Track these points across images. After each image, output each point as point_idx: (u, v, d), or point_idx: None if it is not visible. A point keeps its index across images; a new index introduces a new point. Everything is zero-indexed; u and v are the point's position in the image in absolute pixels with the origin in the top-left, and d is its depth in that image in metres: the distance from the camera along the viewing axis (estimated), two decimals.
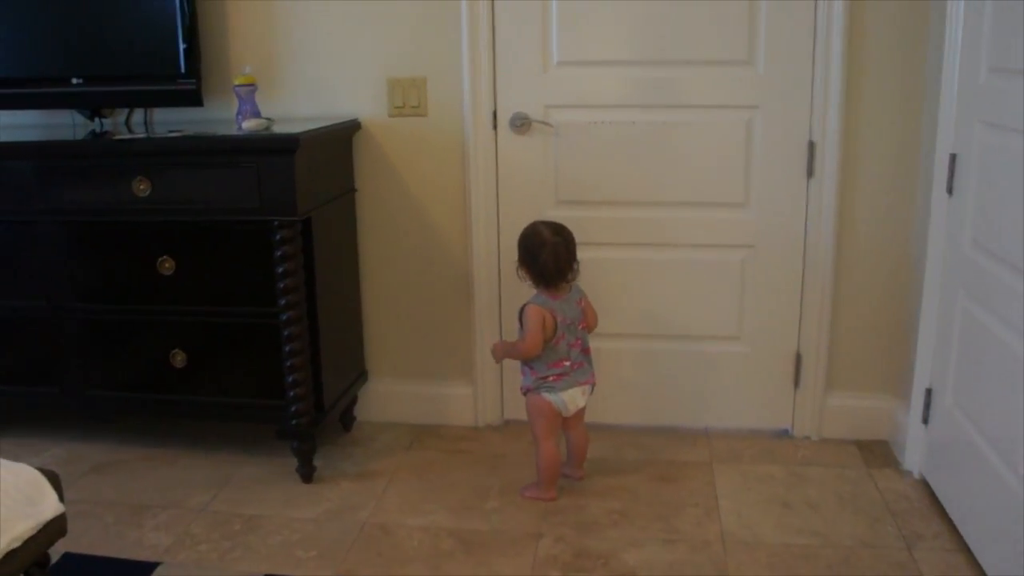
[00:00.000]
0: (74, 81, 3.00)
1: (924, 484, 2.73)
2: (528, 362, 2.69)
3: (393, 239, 3.13)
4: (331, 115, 3.04)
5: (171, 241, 2.79)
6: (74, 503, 2.69)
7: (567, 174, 3.00)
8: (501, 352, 2.79)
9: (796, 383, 3.04)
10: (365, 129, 3.05)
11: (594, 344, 3.03)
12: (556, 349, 2.65)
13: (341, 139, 3.00)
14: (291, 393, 2.74)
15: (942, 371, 2.63)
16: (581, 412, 2.75)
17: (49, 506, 1.67)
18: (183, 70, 2.94)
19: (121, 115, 3.16)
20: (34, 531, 1.61)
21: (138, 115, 3.17)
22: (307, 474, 2.83)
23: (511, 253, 2.97)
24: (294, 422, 2.76)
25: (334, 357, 2.93)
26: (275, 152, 2.60)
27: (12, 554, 1.56)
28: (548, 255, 2.60)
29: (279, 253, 2.63)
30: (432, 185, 3.07)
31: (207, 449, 3.05)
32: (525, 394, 2.74)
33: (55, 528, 1.70)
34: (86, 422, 3.23)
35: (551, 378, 2.67)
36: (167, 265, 2.78)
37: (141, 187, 2.67)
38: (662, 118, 2.91)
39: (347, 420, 3.19)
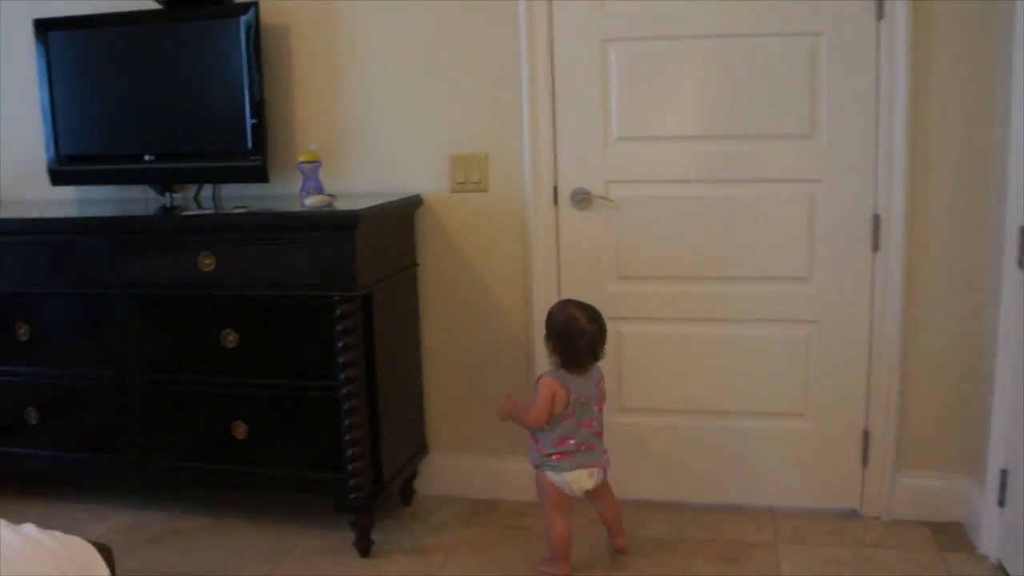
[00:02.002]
0: (146, 158, 3.11)
1: (1001, 569, 2.61)
2: (535, 435, 2.69)
3: (454, 313, 3.15)
4: (394, 191, 3.09)
5: (235, 315, 2.84)
6: (134, 572, 2.74)
7: (628, 249, 3.00)
8: (507, 412, 2.75)
9: (864, 461, 2.94)
10: (427, 205, 3.10)
11: (658, 420, 3.03)
12: (563, 426, 2.63)
13: (403, 215, 3.04)
14: (349, 467, 2.74)
15: (1018, 451, 2.53)
16: (603, 486, 2.74)
17: None
18: (250, 147, 3.02)
19: (191, 190, 3.26)
20: None
21: (207, 190, 3.26)
22: (364, 548, 2.81)
23: None
24: (352, 496, 2.76)
25: (393, 431, 2.94)
26: (336, 228, 2.64)
27: None
28: (585, 343, 2.62)
29: (339, 327, 2.66)
30: (493, 260, 3.09)
31: (269, 520, 3.05)
32: (535, 468, 2.73)
33: None
34: (151, 490, 3.26)
35: (555, 456, 2.66)
36: (231, 338, 2.83)
37: (206, 262, 2.74)
38: (723, 192, 2.90)
39: (407, 493, 3.18)
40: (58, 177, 3.24)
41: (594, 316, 2.65)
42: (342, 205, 2.82)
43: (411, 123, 3.07)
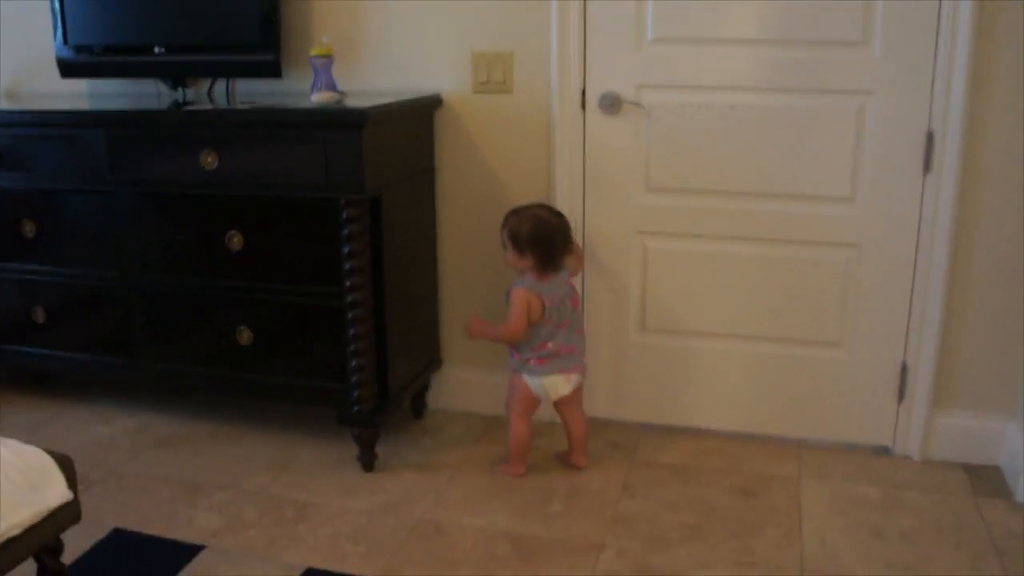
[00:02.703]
0: (156, 50, 2.96)
1: None
2: (515, 344, 2.61)
3: (473, 221, 2.98)
4: (413, 90, 2.90)
5: (239, 216, 2.71)
6: (134, 476, 2.70)
7: (658, 159, 2.79)
8: (478, 331, 2.69)
9: (900, 396, 2.75)
10: (447, 105, 2.91)
11: (682, 342, 2.87)
12: (540, 331, 2.60)
13: (419, 115, 2.86)
14: (353, 378, 2.63)
15: None
16: (575, 396, 2.69)
17: (54, 493, 1.59)
18: (262, 40, 2.85)
19: (204, 86, 3.11)
20: (36, 519, 1.54)
21: (221, 86, 3.10)
22: (368, 462, 2.72)
23: (596, 239, 2.85)
24: (356, 408, 2.66)
25: (402, 342, 2.81)
26: (343, 127, 2.47)
27: (12, 541, 1.49)
28: (560, 237, 2.59)
29: (345, 232, 2.52)
30: (515, 166, 2.90)
31: (275, 429, 2.98)
32: (512, 372, 2.71)
33: (65, 515, 1.62)
34: (159, 395, 3.21)
35: (532, 361, 2.63)
36: (235, 240, 2.70)
37: (208, 159, 2.60)
38: (764, 102, 2.67)
39: (418, 407, 3.07)
40: (67, 69, 3.11)
41: (554, 210, 2.67)
42: (354, 104, 2.64)
43: (432, 17, 2.86)
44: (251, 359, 2.80)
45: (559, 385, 2.63)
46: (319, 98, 2.58)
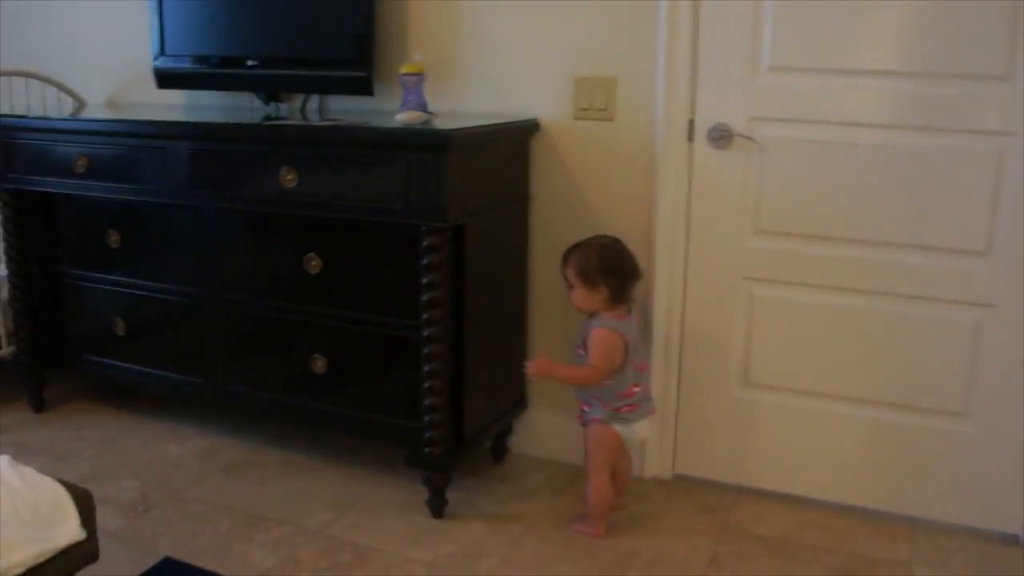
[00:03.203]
0: (249, 63, 2.89)
1: None
2: (596, 394, 2.42)
3: (561, 251, 2.79)
4: (510, 114, 2.74)
5: (318, 239, 2.59)
6: (196, 502, 2.59)
7: (770, 199, 2.55)
8: (544, 370, 2.46)
9: None
10: (545, 131, 2.73)
11: (788, 401, 2.64)
12: (626, 376, 2.44)
13: (514, 140, 2.70)
14: (426, 417, 2.47)
15: None
16: None
17: (66, 531, 1.47)
18: (355, 56, 2.75)
19: (297, 101, 3.02)
20: (41, 558, 1.41)
21: (314, 102, 3.01)
22: (437, 508, 2.54)
23: (698, 283, 2.64)
24: (427, 450, 2.49)
25: (483, 381, 2.63)
26: (425, 149, 2.32)
27: None
28: (632, 265, 2.46)
29: (424, 262, 2.36)
30: (615, 198, 2.70)
31: (346, 463, 2.83)
32: (586, 424, 2.50)
33: (77, 556, 1.49)
34: (235, 417, 3.10)
35: (624, 409, 2.45)
36: (314, 263, 2.58)
37: (288, 177, 2.48)
38: (890, 141, 2.40)
39: (499, 451, 2.88)
40: (163, 80, 3.07)
41: (615, 238, 2.52)
42: (442, 125, 2.49)
43: (533, 38, 2.70)
44: (324, 388, 2.67)
45: (644, 430, 2.48)
46: (404, 117, 2.43)
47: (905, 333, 2.48)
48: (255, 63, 2.88)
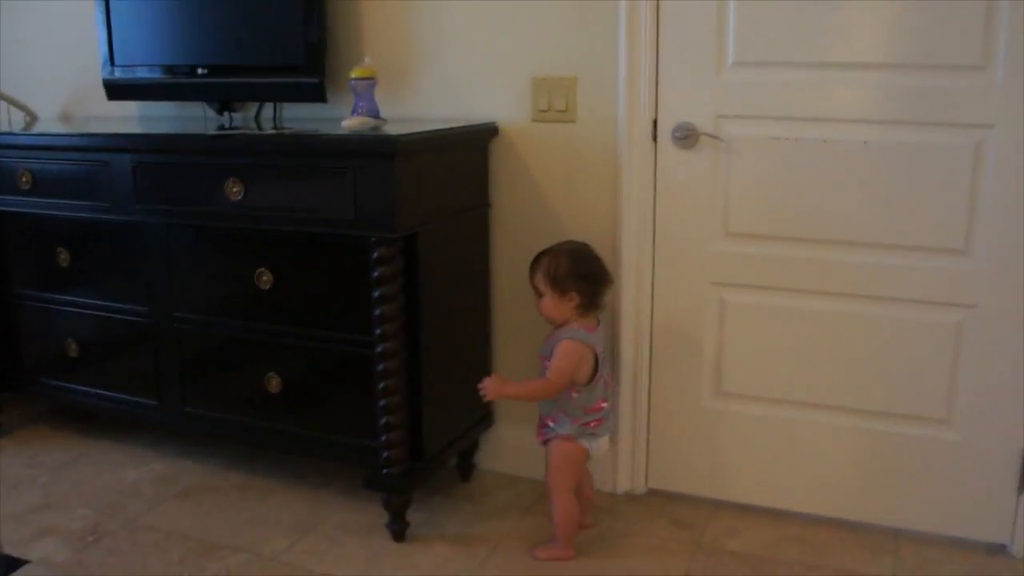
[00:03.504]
0: (199, 71, 2.78)
1: None
2: (563, 408, 2.30)
3: (523, 261, 2.53)
4: (467, 118, 2.64)
5: (269, 253, 2.49)
6: (149, 530, 2.49)
7: (739, 200, 2.44)
8: (496, 391, 2.34)
9: (1021, 487, 2.31)
10: (503, 135, 2.62)
11: (763, 410, 2.52)
12: (595, 390, 2.31)
13: (471, 145, 2.59)
14: (383, 437, 2.35)
15: None
16: None
17: None
18: (306, 63, 2.64)
19: (252, 110, 2.91)
20: None
21: (268, 111, 2.90)
22: (398, 531, 2.43)
23: (666, 290, 2.53)
24: (385, 471, 2.37)
25: (442, 397, 2.52)
26: (371, 156, 2.21)
27: None
28: (602, 270, 2.34)
29: (375, 274, 2.25)
30: (578, 203, 2.59)
31: (309, 486, 2.72)
32: (545, 442, 2.38)
33: None
34: (195, 438, 2.99)
35: (592, 423, 2.33)
36: (265, 279, 2.48)
37: (234, 189, 2.38)
38: (862, 136, 2.29)
39: (465, 468, 2.77)
40: (113, 91, 2.96)
41: (584, 243, 2.40)
42: (399, 130, 2.37)
43: (490, 39, 2.59)
44: (279, 408, 2.56)
45: (605, 444, 2.36)
46: (351, 124, 2.32)
47: (883, 337, 2.36)
48: (205, 71, 2.77)
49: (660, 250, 2.55)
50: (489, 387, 2.32)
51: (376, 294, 2.27)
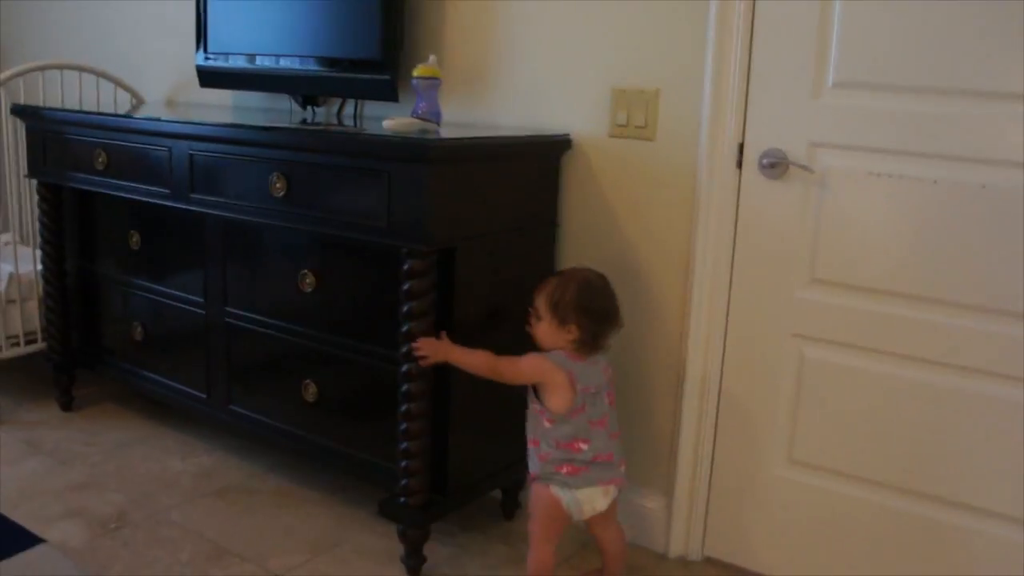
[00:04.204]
0: (282, 63, 2.71)
1: None
2: (537, 434, 2.06)
3: None
4: (541, 128, 2.44)
5: (312, 254, 2.37)
6: (171, 525, 2.42)
7: (829, 242, 2.11)
8: (435, 350, 2.10)
9: None
10: (578, 149, 2.40)
11: (836, 485, 2.18)
12: (572, 424, 2.02)
13: (538, 157, 2.37)
14: (403, 463, 2.18)
15: None
16: (611, 509, 2.12)
17: None
18: (382, 61, 2.51)
19: (334, 106, 2.82)
20: None
21: (350, 107, 2.80)
22: (413, 566, 2.23)
23: (741, 337, 2.26)
24: (402, 499, 2.19)
25: (477, 428, 2.32)
26: (404, 160, 2.03)
27: None
28: (613, 309, 2.06)
29: (405, 288, 2.08)
30: (651, 231, 2.34)
31: (343, 500, 2.58)
32: (531, 483, 2.13)
33: None
34: (234, 436, 2.93)
35: (564, 469, 2.03)
36: (307, 281, 2.36)
37: (277, 186, 2.26)
38: (979, 178, 1.92)
39: (510, 506, 2.55)
40: (204, 78, 2.95)
41: (601, 275, 2.11)
42: (450, 135, 2.21)
43: (571, 45, 2.38)
44: (314, 417, 2.44)
45: (596, 499, 2.04)
46: (393, 124, 2.15)
47: (984, 418, 1.97)
48: (290, 64, 2.70)
49: (737, 292, 2.25)
50: (425, 345, 2.09)
51: (405, 309, 2.09)
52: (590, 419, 2.01)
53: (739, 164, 2.19)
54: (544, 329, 2.03)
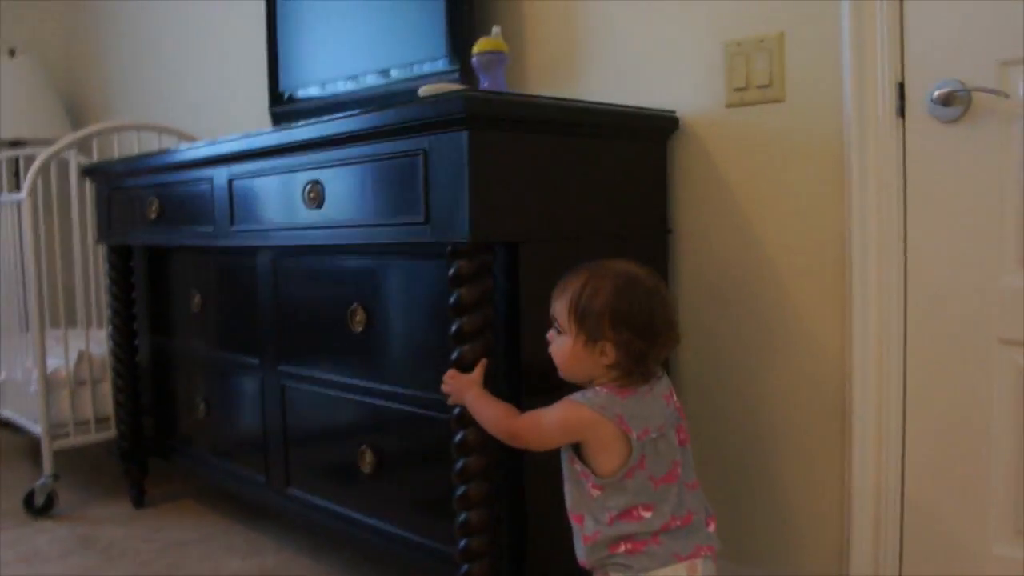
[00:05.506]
0: (347, 86, 2.37)
1: None
2: (581, 507, 1.43)
3: (718, 315, 1.86)
4: (642, 107, 1.91)
5: (361, 285, 1.90)
6: None
7: None
8: (458, 389, 1.56)
9: None
10: (687, 129, 1.86)
11: None
12: (628, 488, 1.38)
13: (634, 141, 1.83)
14: (462, 542, 1.62)
15: None
16: None
17: None
18: (445, 51, 2.11)
19: None
20: None
21: None
22: None
23: (925, 349, 1.60)
24: None
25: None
26: (440, 127, 1.54)
27: None
28: (666, 315, 1.41)
29: (452, 300, 1.56)
30: (791, 221, 1.75)
31: None
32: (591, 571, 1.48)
33: None
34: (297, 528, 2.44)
35: (622, 547, 1.38)
36: (358, 319, 1.89)
37: (311, 196, 1.84)
38: None
39: None
40: (277, 118, 2.63)
41: (651, 271, 1.46)
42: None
43: (670, 6, 1.88)
44: (370, 493, 1.93)
45: None
46: (428, 88, 1.68)
47: None
48: (352, 86, 2.36)
49: (913, 280, 1.60)
50: (450, 381, 1.55)
51: (453, 329, 1.58)
52: (652, 475, 1.37)
53: (900, 111, 1.59)
54: (567, 350, 1.41)
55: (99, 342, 2.84)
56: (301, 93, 2.57)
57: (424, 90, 1.68)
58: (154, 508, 2.70)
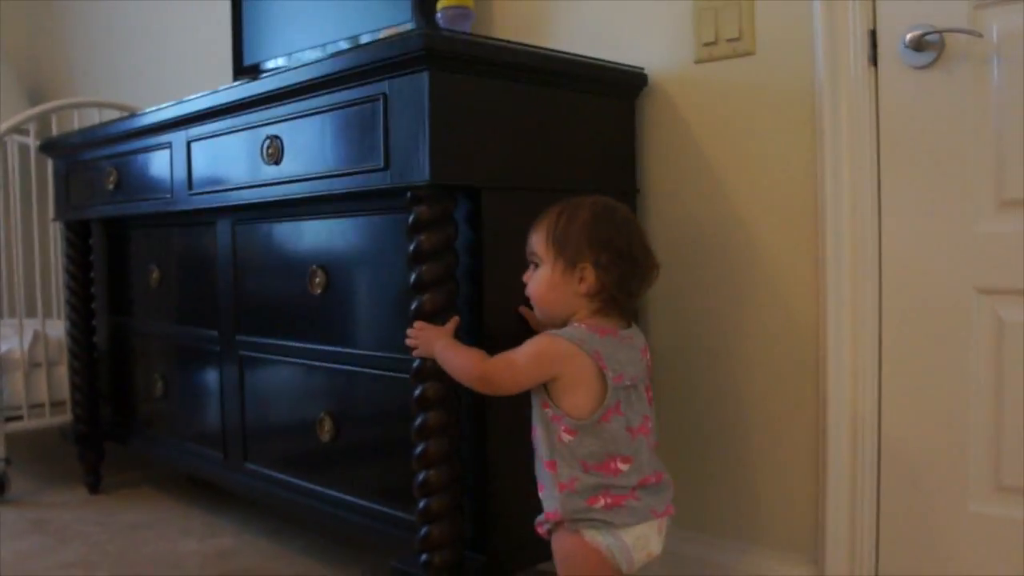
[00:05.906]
0: (307, 55, 2.29)
1: None
2: (552, 452, 1.35)
3: (688, 276, 1.81)
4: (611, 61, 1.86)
5: (322, 245, 1.84)
6: None
7: (1021, 141, 1.45)
8: (424, 341, 1.47)
9: None
10: (657, 88, 1.82)
11: None
12: (604, 433, 1.33)
13: (602, 97, 1.77)
14: (422, 503, 1.54)
15: None
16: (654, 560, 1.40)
17: None
18: (411, 16, 2.04)
19: None
20: None
21: None
22: None
23: (900, 302, 1.56)
24: (423, 558, 1.55)
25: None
26: (398, 70, 1.49)
27: None
28: (643, 245, 1.38)
29: (411, 249, 1.51)
30: (762, 180, 1.70)
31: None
32: (548, 533, 1.40)
33: None
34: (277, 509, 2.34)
35: (600, 501, 1.31)
36: (317, 280, 1.83)
37: (270, 151, 1.79)
38: None
39: None
40: None
41: (629, 210, 1.47)
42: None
43: None
44: (328, 463, 1.86)
45: (650, 540, 1.34)
46: (388, 32, 1.66)
47: None
48: (313, 55, 2.27)
49: (888, 234, 1.56)
50: (418, 332, 1.47)
51: (414, 276, 1.51)
52: (629, 424, 1.32)
53: (873, 60, 1.55)
54: (545, 280, 1.37)
55: (56, 326, 2.76)
56: (268, 64, 2.51)
57: (384, 33, 1.64)
58: (110, 494, 2.61)
